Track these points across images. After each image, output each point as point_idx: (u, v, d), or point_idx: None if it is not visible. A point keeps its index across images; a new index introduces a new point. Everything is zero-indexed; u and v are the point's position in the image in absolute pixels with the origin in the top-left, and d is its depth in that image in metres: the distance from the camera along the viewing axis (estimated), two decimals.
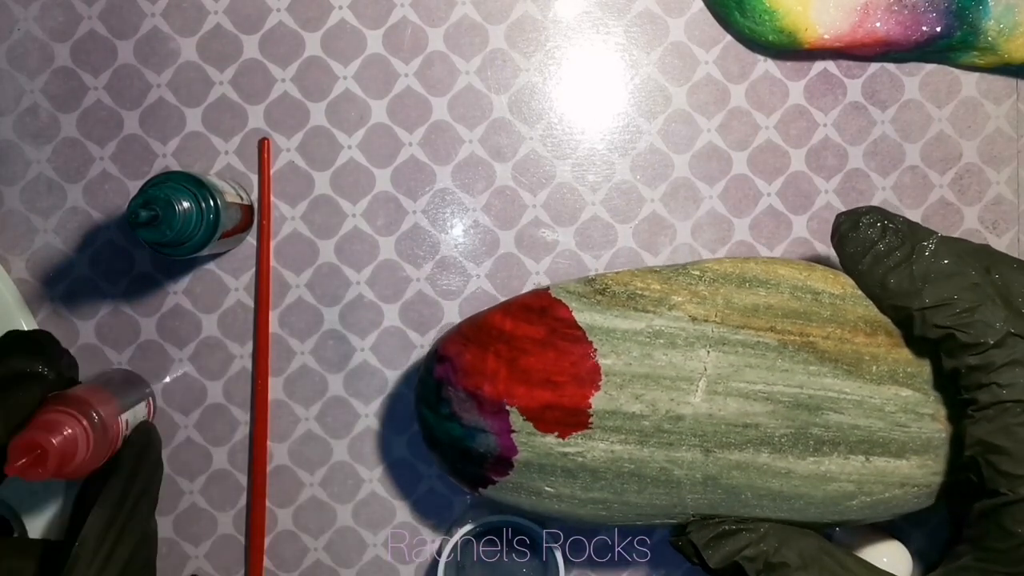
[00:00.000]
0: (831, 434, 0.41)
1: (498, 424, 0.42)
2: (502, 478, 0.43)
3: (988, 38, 0.50)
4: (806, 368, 0.41)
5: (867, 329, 0.42)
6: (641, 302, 0.41)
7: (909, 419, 0.42)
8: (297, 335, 0.53)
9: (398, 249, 0.53)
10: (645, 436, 0.41)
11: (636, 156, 0.53)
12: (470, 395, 0.42)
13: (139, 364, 0.52)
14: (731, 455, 0.41)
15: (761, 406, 0.41)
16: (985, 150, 0.54)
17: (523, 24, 0.53)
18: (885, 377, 0.42)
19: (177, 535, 0.53)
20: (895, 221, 0.43)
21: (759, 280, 0.42)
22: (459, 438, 0.43)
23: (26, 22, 0.52)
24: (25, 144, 0.52)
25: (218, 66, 0.52)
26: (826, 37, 0.50)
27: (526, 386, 0.41)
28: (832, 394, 0.41)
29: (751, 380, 0.41)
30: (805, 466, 0.41)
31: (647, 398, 0.41)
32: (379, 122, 0.53)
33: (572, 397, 0.41)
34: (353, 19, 0.52)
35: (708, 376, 0.41)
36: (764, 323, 0.41)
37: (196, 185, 0.43)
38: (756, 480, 0.41)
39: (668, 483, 0.42)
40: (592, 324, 0.41)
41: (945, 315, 0.40)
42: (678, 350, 0.41)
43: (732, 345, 0.41)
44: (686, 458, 0.41)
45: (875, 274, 0.42)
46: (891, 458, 0.42)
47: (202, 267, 0.52)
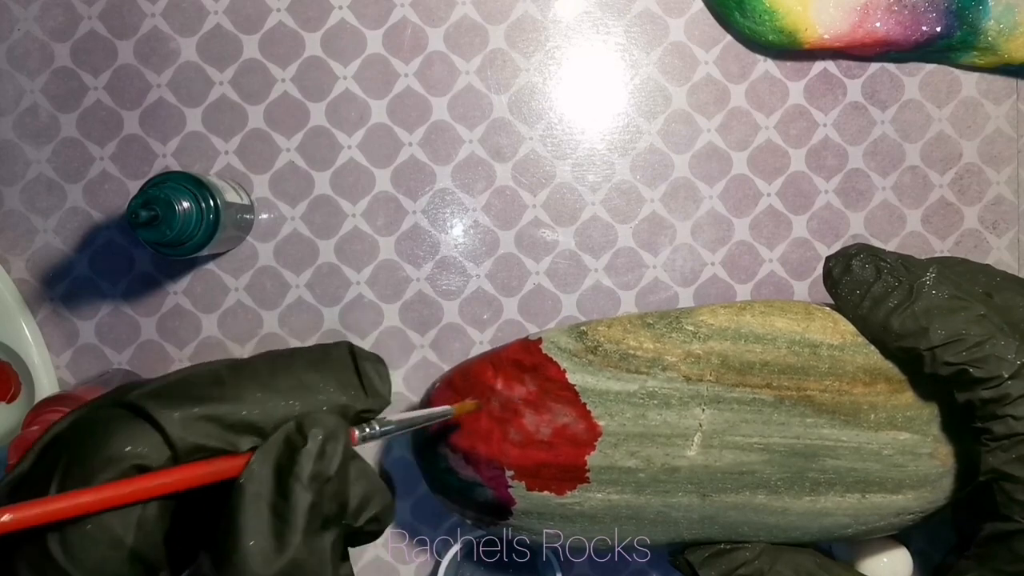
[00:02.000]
0: (827, 476, 0.41)
1: (494, 480, 0.42)
2: (502, 522, 0.44)
3: (988, 38, 0.50)
4: (803, 420, 0.41)
5: (866, 379, 0.41)
6: (634, 363, 0.40)
7: (906, 460, 0.42)
8: (297, 335, 0.53)
9: (398, 249, 0.53)
10: (641, 486, 0.41)
11: (636, 156, 0.53)
12: (465, 453, 0.43)
13: (139, 364, 0.52)
14: (727, 498, 0.41)
15: (757, 456, 0.41)
16: (985, 150, 0.54)
17: (523, 24, 0.53)
18: (883, 424, 0.41)
19: None
20: (888, 259, 0.42)
21: (755, 335, 0.41)
22: (457, 489, 0.44)
23: (26, 22, 0.52)
24: (25, 144, 0.52)
25: (218, 66, 0.52)
26: (826, 37, 0.50)
27: (520, 448, 0.41)
28: (829, 443, 0.41)
29: (747, 434, 0.40)
30: (802, 504, 0.41)
31: (642, 454, 0.41)
32: (379, 122, 0.53)
33: (567, 457, 0.41)
34: (353, 19, 0.52)
35: (703, 431, 0.40)
36: (760, 380, 0.40)
37: (196, 185, 0.43)
38: (753, 517, 0.42)
39: (666, 523, 0.42)
40: (585, 386, 0.40)
41: (956, 352, 0.39)
42: (672, 410, 0.40)
43: (727, 403, 0.40)
44: (683, 502, 0.41)
45: (877, 317, 0.41)
46: (887, 494, 0.42)
47: (202, 267, 0.52)
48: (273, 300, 0.52)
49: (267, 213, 0.52)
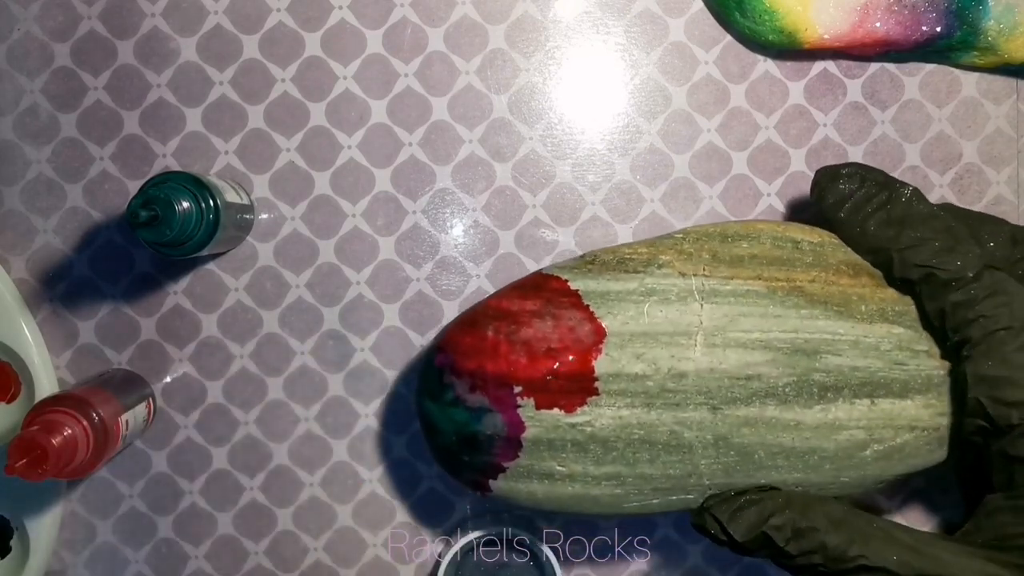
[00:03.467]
0: (833, 378, 0.42)
1: (503, 400, 0.42)
2: (511, 463, 0.42)
3: (988, 38, 0.50)
4: (798, 312, 0.42)
5: (850, 271, 0.44)
6: (631, 264, 0.43)
7: (906, 356, 0.42)
8: (297, 335, 0.53)
9: (398, 249, 0.53)
10: (651, 398, 0.41)
11: (636, 156, 0.53)
12: (473, 375, 0.42)
13: (139, 364, 0.52)
14: (738, 411, 0.41)
15: (760, 355, 0.41)
16: (985, 150, 0.54)
17: (523, 24, 0.53)
18: (876, 316, 0.43)
19: (177, 535, 0.53)
20: (873, 173, 0.45)
21: (740, 235, 0.44)
22: (465, 423, 0.43)
23: (26, 22, 0.52)
24: (25, 144, 0.52)
25: (218, 66, 0.52)
26: (826, 37, 0.50)
27: (528, 357, 0.42)
28: (827, 336, 0.42)
29: (747, 329, 0.42)
30: (813, 415, 0.42)
31: (648, 357, 0.41)
32: (379, 122, 0.53)
33: (575, 362, 0.41)
34: (353, 19, 0.52)
35: (704, 329, 0.42)
36: (751, 272, 0.43)
37: (196, 185, 0.43)
38: (767, 436, 0.42)
39: (680, 448, 0.42)
40: (586, 289, 0.42)
41: (924, 254, 0.42)
42: (672, 306, 0.42)
43: (723, 296, 0.42)
44: (694, 418, 0.41)
45: (854, 221, 0.44)
46: (895, 399, 0.42)
47: (202, 267, 0.52)
48: (273, 300, 0.52)
49: (267, 213, 0.52)
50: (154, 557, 0.53)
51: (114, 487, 0.53)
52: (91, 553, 0.53)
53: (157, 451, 0.53)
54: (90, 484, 0.52)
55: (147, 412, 0.50)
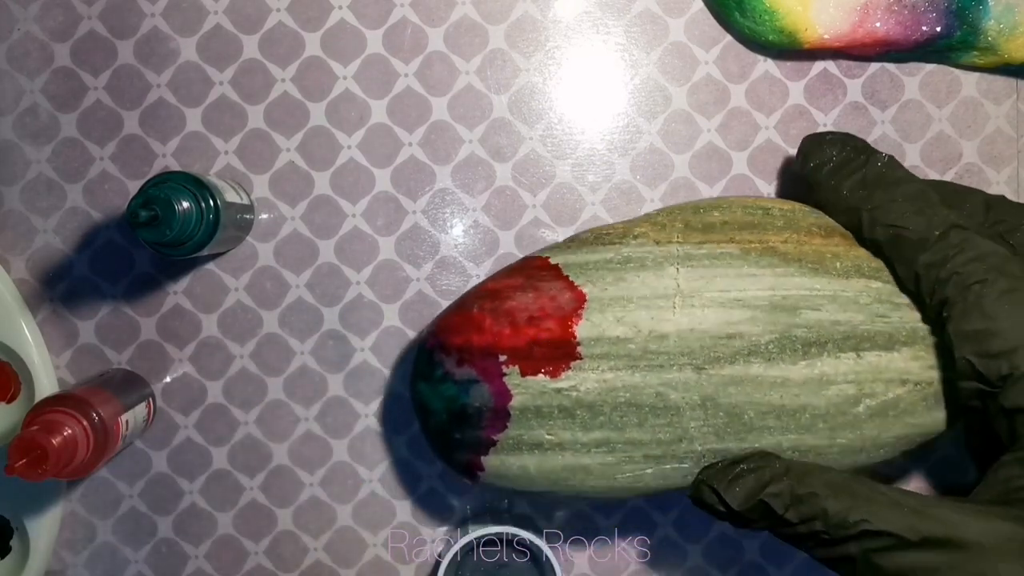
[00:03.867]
0: (815, 334, 0.42)
1: (489, 370, 0.43)
2: (500, 435, 0.43)
3: (988, 38, 0.50)
4: (772, 271, 0.43)
5: (822, 232, 0.44)
6: (607, 238, 0.44)
7: (887, 309, 0.42)
8: (297, 335, 0.53)
9: (398, 249, 0.53)
10: (634, 360, 0.42)
11: (636, 156, 0.53)
12: (460, 350, 0.44)
13: (139, 364, 0.52)
14: (723, 370, 0.42)
15: (739, 313, 0.42)
16: (985, 150, 0.54)
17: (523, 24, 0.53)
18: (851, 271, 0.43)
19: (177, 535, 0.53)
20: (854, 140, 0.46)
21: (711, 205, 0.45)
22: (454, 398, 0.44)
23: (26, 22, 0.52)
24: (25, 144, 0.52)
25: (218, 66, 0.52)
26: (826, 37, 0.50)
27: (512, 327, 0.43)
28: (804, 292, 0.42)
29: (723, 288, 0.42)
30: (799, 371, 0.42)
31: (628, 320, 0.42)
32: (379, 122, 0.53)
33: (556, 329, 0.42)
34: (353, 19, 0.52)
35: (682, 291, 0.42)
36: (723, 237, 0.44)
37: (196, 185, 0.43)
38: (754, 395, 0.42)
39: (667, 410, 0.42)
40: (566, 262, 0.44)
41: (892, 214, 0.42)
42: (649, 271, 0.43)
43: (698, 259, 0.43)
44: (679, 379, 0.42)
45: (830, 183, 0.45)
46: (881, 351, 0.42)
47: (202, 267, 0.52)
48: (273, 300, 0.53)
49: (267, 213, 0.52)
50: (154, 557, 0.53)
51: (114, 487, 0.53)
52: (91, 553, 0.53)
53: (157, 451, 0.53)
54: (90, 484, 0.53)
55: (147, 412, 0.50)
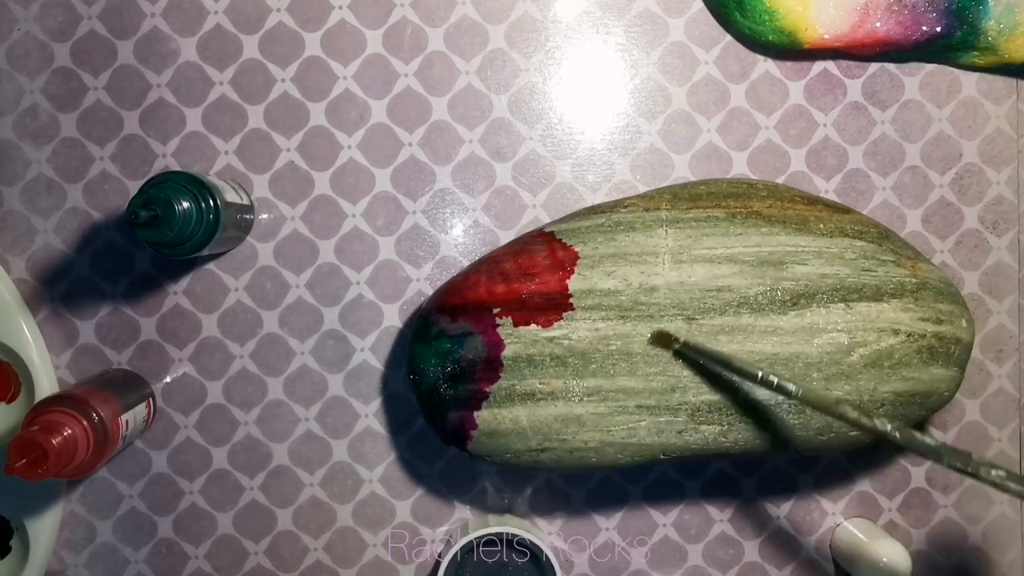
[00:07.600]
0: (803, 285, 0.43)
1: (483, 322, 0.44)
2: (493, 386, 0.44)
3: (988, 38, 0.50)
4: (758, 230, 0.44)
5: (804, 201, 0.46)
6: (598, 209, 0.47)
7: (873, 264, 0.43)
8: (297, 335, 0.53)
9: (398, 249, 0.53)
10: (625, 311, 0.43)
11: (636, 156, 0.53)
12: (455, 308, 0.45)
13: (139, 364, 0.52)
14: (713, 320, 0.43)
15: (727, 268, 0.43)
16: (985, 150, 0.54)
17: (523, 24, 0.53)
18: (835, 232, 0.44)
19: (177, 535, 0.53)
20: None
21: (697, 182, 0.48)
22: (448, 352, 0.45)
23: (26, 22, 0.52)
24: (25, 144, 0.52)
25: (218, 66, 0.52)
26: (826, 37, 0.50)
27: (505, 283, 0.45)
28: (790, 248, 0.44)
29: (711, 246, 0.44)
30: (789, 320, 0.42)
31: (619, 274, 0.44)
32: (379, 122, 0.53)
33: (550, 283, 0.44)
34: (353, 19, 0.52)
35: (670, 249, 0.44)
36: (710, 203, 0.46)
37: (196, 185, 0.43)
38: (746, 343, 0.42)
39: (658, 359, 0.43)
40: (559, 230, 0.46)
41: None
42: (638, 232, 0.45)
43: (686, 222, 0.45)
44: (670, 328, 0.43)
45: None
46: (870, 302, 0.43)
47: (202, 267, 0.52)
48: (273, 300, 0.52)
49: (267, 213, 0.52)
50: (154, 557, 0.53)
51: (114, 487, 0.53)
52: (91, 553, 0.53)
53: (157, 451, 0.53)
54: (90, 484, 0.52)
55: (147, 412, 0.50)
